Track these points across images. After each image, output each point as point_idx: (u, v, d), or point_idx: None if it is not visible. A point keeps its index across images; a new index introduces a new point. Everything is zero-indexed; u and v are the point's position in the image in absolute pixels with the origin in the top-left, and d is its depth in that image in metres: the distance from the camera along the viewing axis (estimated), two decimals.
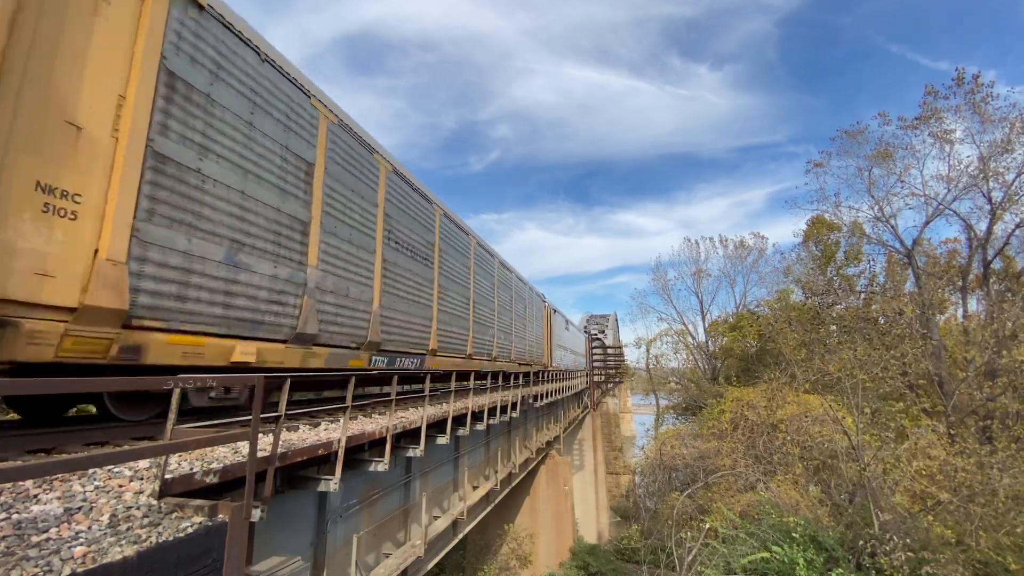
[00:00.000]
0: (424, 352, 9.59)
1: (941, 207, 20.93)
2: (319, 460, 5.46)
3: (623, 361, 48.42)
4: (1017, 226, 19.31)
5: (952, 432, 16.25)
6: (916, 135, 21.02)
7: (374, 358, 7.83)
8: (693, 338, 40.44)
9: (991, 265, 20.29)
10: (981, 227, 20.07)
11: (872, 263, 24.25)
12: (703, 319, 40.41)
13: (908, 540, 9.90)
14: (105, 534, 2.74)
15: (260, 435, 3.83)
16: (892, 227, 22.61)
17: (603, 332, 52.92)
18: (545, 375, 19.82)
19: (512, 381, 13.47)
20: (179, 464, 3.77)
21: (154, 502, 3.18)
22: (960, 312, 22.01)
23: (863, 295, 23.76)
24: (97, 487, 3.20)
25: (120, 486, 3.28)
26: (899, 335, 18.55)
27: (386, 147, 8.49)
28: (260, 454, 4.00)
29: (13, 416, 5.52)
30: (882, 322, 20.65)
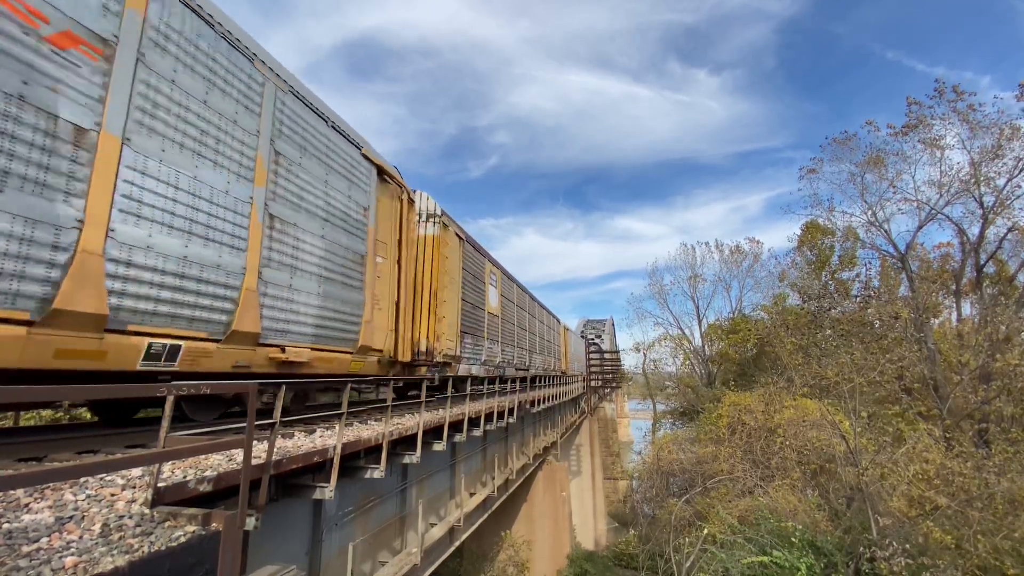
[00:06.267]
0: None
1: (934, 212, 21.08)
2: (314, 467, 5.41)
3: (620, 366, 48.36)
4: (1009, 230, 19.45)
5: (948, 436, 16.28)
6: (907, 142, 21.23)
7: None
8: (690, 343, 40.45)
9: (984, 269, 20.41)
10: (973, 232, 20.22)
11: (867, 268, 24.38)
12: (699, 324, 40.43)
13: (907, 546, 9.89)
14: (97, 544, 2.70)
15: (254, 442, 3.80)
16: (885, 232, 22.76)
17: (600, 337, 52.99)
18: (542, 380, 19.78)
19: (509, 386, 13.44)
20: (172, 472, 3.73)
21: (147, 511, 3.14)
22: (954, 316, 22.15)
23: (858, 299, 23.86)
24: (89, 496, 3.16)
25: (112, 495, 3.24)
26: (896, 339, 18.62)
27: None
28: (254, 462, 3.96)
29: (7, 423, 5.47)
30: (877, 326, 20.73)
